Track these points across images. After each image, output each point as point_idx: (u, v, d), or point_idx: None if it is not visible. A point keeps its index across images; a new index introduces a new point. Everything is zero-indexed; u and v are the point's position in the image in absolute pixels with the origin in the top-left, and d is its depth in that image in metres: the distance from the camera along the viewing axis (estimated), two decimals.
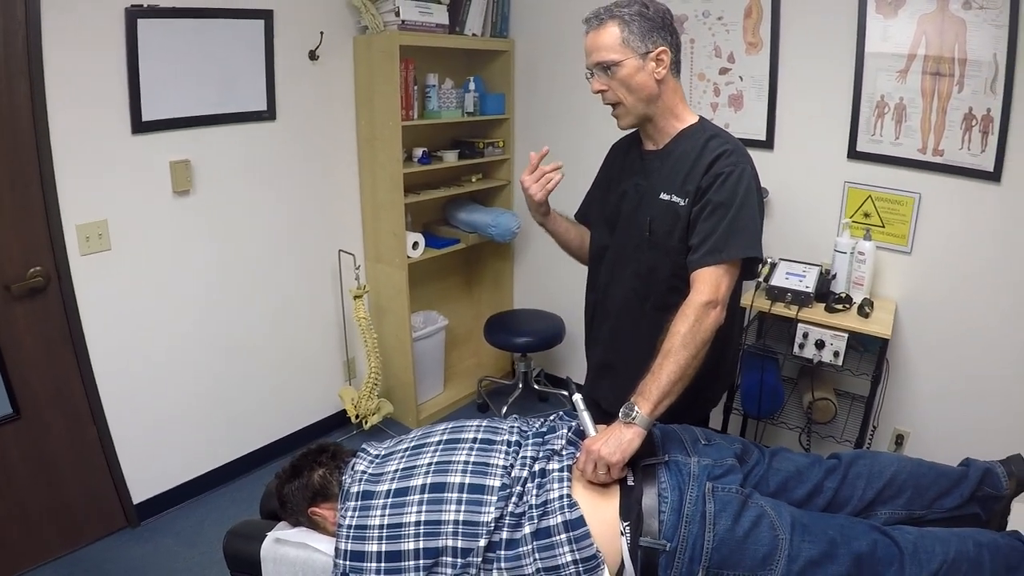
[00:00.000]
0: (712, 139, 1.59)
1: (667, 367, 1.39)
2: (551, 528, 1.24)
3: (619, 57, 1.53)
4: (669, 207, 1.60)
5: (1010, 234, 2.23)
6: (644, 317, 1.70)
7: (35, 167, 2.15)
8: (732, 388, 2.58)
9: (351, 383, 3.37)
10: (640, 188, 1.68)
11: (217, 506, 2.79)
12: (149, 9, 2.27)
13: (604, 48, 1.54)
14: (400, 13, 2.80)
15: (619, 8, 1.54)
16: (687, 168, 1.58)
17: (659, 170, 1.64)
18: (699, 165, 1.56)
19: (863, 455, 1.48)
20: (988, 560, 1.23)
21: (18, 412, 2.27)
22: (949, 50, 2.19)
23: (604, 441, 1.33)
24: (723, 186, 1.52)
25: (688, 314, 1.44)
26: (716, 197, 1.52)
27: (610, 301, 1.79)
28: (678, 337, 1.41)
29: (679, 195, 1.58)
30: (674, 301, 1.52)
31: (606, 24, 1.53)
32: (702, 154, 1.57)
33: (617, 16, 1.53)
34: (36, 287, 2.22)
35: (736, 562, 1.22)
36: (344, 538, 1.28)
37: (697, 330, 1.42)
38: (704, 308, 1.44)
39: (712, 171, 1.54)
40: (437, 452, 1.37)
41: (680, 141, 1.63)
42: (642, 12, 1.53)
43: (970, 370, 2.41)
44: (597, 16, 1.55)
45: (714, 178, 1.53)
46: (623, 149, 1.82)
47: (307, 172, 2.97)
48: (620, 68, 1.54)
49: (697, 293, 1.47)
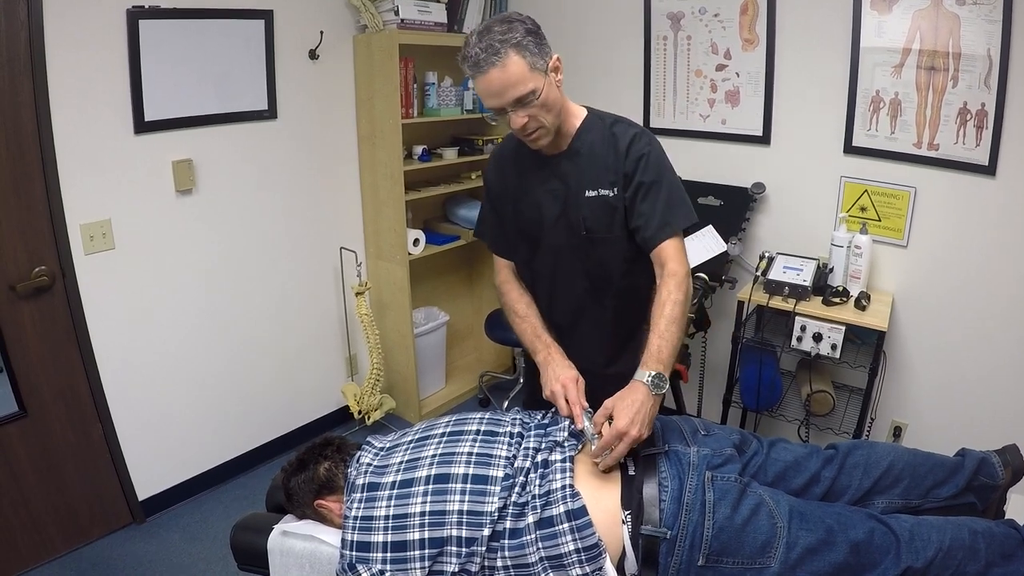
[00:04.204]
0: (615, 125, 1.63)
1: (674, 330, 1.46)
2: (554, 517, 1.25)
3: (534, 85, 1.44)
4: (600, 201, 1.61)
5: (1005, 227, 2.25)
6: (605, 310, 1.73)
7: (39, 167, 2.17)
8: (732, 380, 2.61)
9: (353, 379, 3.39)
10: (559, 192, 1.65)
11: (222, 502, 2.81)
12: (150, 10, 2.29)
13: (516, 83, 1.42)
14: (399, 12, 2.82)
15: (507, 35, 1.41)
16: (603, 159, 1.60)
17: (573, 169, 1.63)
18: (615, 153, 1.59)
19: (860, 445, 1.50)
20: (984, 548, 1.24)
21: (24, 410, 2.29)
22: (944, 45, 2.21)
23: (639, 423, 1.34)
24: (648, 166, 1.58)
25: (679, 283, 1.51)
26: (646, 178, 1.57)
27: (559, 310, 1.77)
28: (678, 305, 1.48)
29: (606, 187, 1.61)
30: (628, 284, 1.61)
31: (506, 57, 1.40)
32: (613, 142, 1.60)
33: (512, 45, 1.41)
34: (41, 286, 2.24)
35: (735, 550, 1.24)
36: (350, 529, 1.29)
37: (687, 298, 1.51)
38: (686, 277, 1.53)
39: (631, 155, 1.58)
40: (441, 444, 1.39)
41: (582, 136, 1.63)
42: (528, 29, 1.44)
43: (967, 361, 2.43)
44: (491, 53, 1.40)
45: (636, 161, 1.57)
46: (509, 160, 1.74)
47: (308, 170, 2.98)
48: (538, 95, 1.46)
49: (674, 264, 1.54)
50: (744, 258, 2.80)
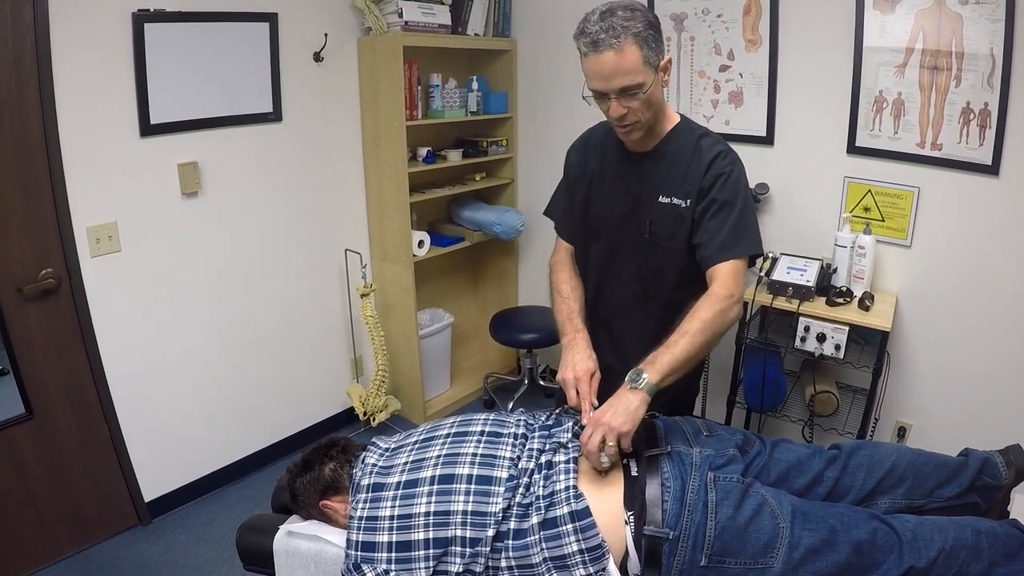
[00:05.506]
0: (703, 138, 1.61)
1: (683, 344, 1.41)
2: (557, 518, 1.26)
3: (644, 79, 1.43)
4: (671, 209, 1.61)
5: (1009, 227, 2.24)
6: (649, 317, 1.72)
7: (45, 170, 2.18)
8: (736, 381, 2.61)
9: (359, 380, 3.40)
10: (633, 190, 1.67)
11: (227, 503, 2.82)
12: (156, 13, 2.30)
13: (628, 71, 1.41)
14: (403, 14, 2.83)
15: (629, 22, 1.40)
16: (683, 169, 1.59)
17: (653, 172, 1.63)
18: (697, 165, 1.58)
19: (863, 445, 1.50)
20: (987, 547, 1.24)
21: (31, 412, 2.30)
22: (946, 44, 2.20)
23: (612, 411, 1.34)
24: (725, 185, 1.55)
25: (715, 303, 1.46)
26: (720, 196, 1.55)
27: (603, 305, 1.78)
28: (700, 322, 1.43)
29: (679, 197, 1.60)
30: (680, 298, 1.55)
31: (625, 44, 1.39)
32: (697, 154, 1.58)
33: (633, 33, 1.40)
34: (48, 289, 2.26)
35: (738, 550, 1.24)
36: (355, 529, 1.30)
37: (721, 320, 1.46)
38: (730, 301, 1.48)
39: (712, 171, 1.56)
40: (446, 445, 1.40)
41: (670, 141, 1.63)
42: (650, 22, 1.44)
43: (971, 361, 2.43)
44: (611, 35, 1.39)
45: (715, 178, 1.55)
46: (595, 149, 1.76)
47: (313, 172, 3.00)
48: (644, 89, 1.45)
49: (721, 287, 1.50)
50: None
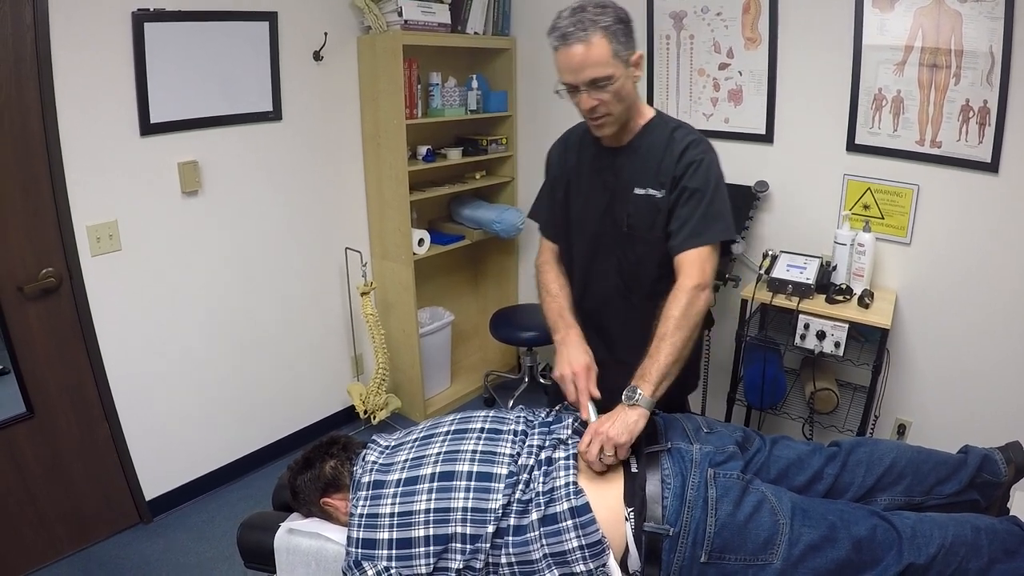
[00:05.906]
0: (677, 130, 1.63)
1: (664, 349, 1.43)
2: (558, 515, 1.27)
3: (613, 72, 1.47)
4: (647, 200, 1.63)
5: (1008, 224, 2.25)
6: (634, 309, 1.73)
7: (45, 169, 2.18)
8: (736, 378, 2.62)
9: (359, 379, 3.40)
10: (609, 184, 1.69)
11: (228, 501, 2.83)
12: (155, 12, 2.30)
13: (596, 63, 1.45)
14: (403, 13, 2.83)
15: (598, 17, 1.44)
16: (657, 160, 1.61)
17: (628, 165, 1.66)
18: (670, 155, 1.60)
19: (863, 442, 1.50)
20: (986, 544, 1.24)
21: (32, 411, 2.30)
22: (945, 42, 2.21)
23: (612, 423, 1.36)
24: (696, 173, 1.57)
25: (680, 298, 1.49)
26: (691, 184, 1.57)
27: (589, 300, 1.80)
28: (672, 320, 1.46)
29: (655, 187, 1.62)
30: (662, 288, 1.57)
31: (594, 37, 1.43)
32: (671, 145, 1.61)
33: (602, 27, 1.43)
34: (48, 288, 2.26)
35: (738, 546, 1.25)
36: (356, 527, 1.31)
37: (690, 313, 1.48)
38: (695, 291, 1.50)
39: (684, 160, 1.58)
40: (446, 442, 1.40)
41: (644, 135, 1.65)
42: (620, 18, 1.47)
43: (971, 358, 2.43)
44: (579, 28, 1.43)
45: (687, 167, 1.58)
46: (572, 148, 1.79)
47: (313, 171, 3.00)
48: (613, 82, 1.48)
49: (686, 277, 1.52)
50: (747, 256, 2.80)
